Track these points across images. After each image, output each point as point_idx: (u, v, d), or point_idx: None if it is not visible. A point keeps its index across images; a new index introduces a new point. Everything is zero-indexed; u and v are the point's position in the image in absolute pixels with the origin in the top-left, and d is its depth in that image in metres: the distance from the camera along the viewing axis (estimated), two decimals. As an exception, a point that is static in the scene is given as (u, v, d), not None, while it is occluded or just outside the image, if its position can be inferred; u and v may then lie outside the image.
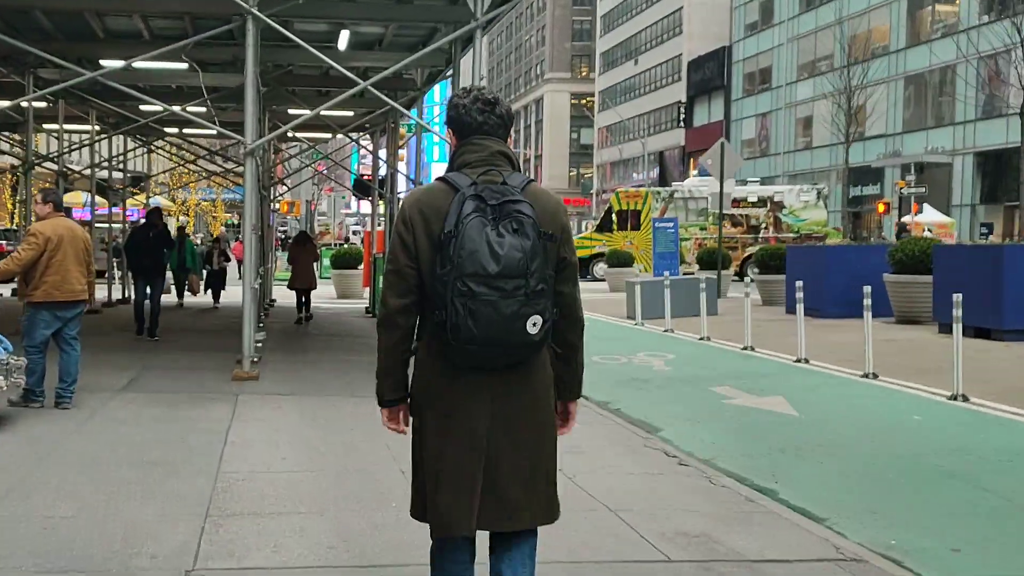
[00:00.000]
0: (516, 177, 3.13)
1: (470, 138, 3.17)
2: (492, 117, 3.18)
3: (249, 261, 10.67)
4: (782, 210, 34.60)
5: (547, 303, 3.04)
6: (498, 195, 3.01)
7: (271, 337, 14.91)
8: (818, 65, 55.35)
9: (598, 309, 21.98)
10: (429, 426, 3.21)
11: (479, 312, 2.92)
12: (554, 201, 3.22)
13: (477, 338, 2.95)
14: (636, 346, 14.96)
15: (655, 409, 9.80)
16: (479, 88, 3.28)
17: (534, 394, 3.21)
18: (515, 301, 2.94)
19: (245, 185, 10.61)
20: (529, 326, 2.98)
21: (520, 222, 2.97)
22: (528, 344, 3.03)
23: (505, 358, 3.06)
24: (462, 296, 2.93)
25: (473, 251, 2.93)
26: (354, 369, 11.52)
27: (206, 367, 11.33)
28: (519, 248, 2.95)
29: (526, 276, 2.95)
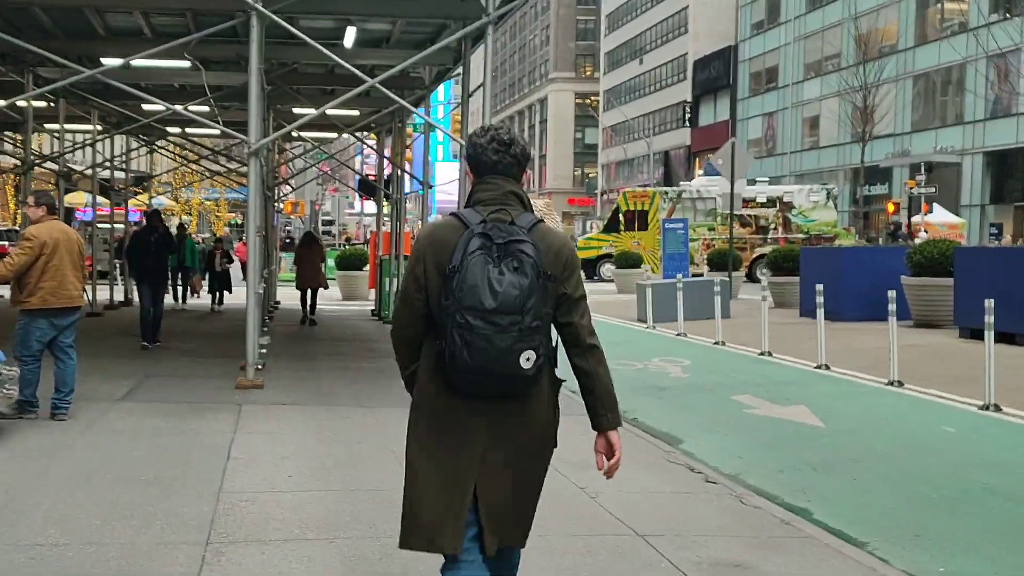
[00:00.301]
0: (525, 218, 3.24)
1: (485, 177, 3.32)
2: (507, 157, 3.30)
3: (253, 264, 10.32)
4: (791, 210, 34.21)
5: (542, 339, 3.15)
6: (504, 234, 3.14)
7: (276, 341, 14.57)
8: (825, 64, 54.96)
9: (607, 311, 21.62)
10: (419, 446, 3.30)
11: (474, 344, 3.05)
12: (559, 241, 3.29)
13: (471, 367, 3.08)
14: (650, 351, 14.59)
15: (675, 419, 9.44)
16: (496, 128, 3.37)
17: (528, 428, 3.30)
18: (509, 336, 3.05)
19: (249, 186, 10.26)
20: (523, 360, 3.09)
21: (521, 261, 3.09)
22: (521, 377, 3.13)
23: (499, 388, 3.17)
24: (459, 328, 3.06)
25: (473, 286, 3.05)
26: (361, 377, 11.16)
27: (209, 374, 10.98)
28: (516, 286, 3.06)
29: (522, 313, 3.06)
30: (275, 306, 22.03)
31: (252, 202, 10.17)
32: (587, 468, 6.39)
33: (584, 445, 7.30)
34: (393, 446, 7.09)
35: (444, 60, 14.75)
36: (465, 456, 3.24)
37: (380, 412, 8.83)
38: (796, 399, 10.28)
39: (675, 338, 16.37)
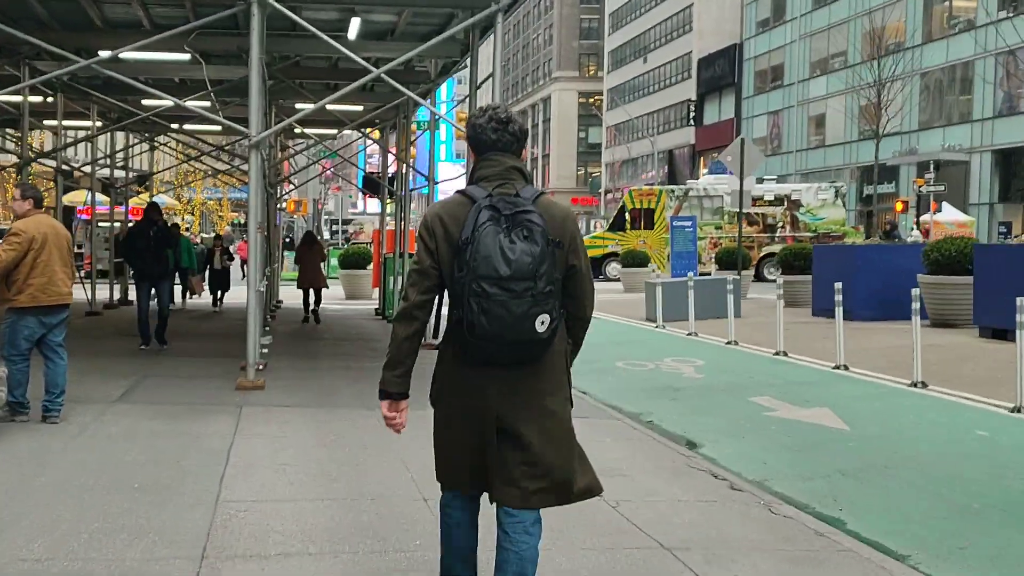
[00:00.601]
0: (528, 190, 3.38)
1: (487, 154, 3.44)
2: (506, 135, 3.44)
3: (254, 262, 9.96)
4: (799, 208, 33.82)
5: (555, 303, 3.27)
6: (511, 206, 3.27)
7: (278, 341, 14.21)
8: (832, 62, 54.57)
9: (615, 311, 21.26)
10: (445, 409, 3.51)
11: (491, 311, 3.17)
12: (563, 211, 3.44)
13: (490, 333, 3.19)
14: (661, 351, 14.22)
15: (692, 422, 9.06)
16: (494, 107, 3.51)
17: (546, 387, 3.42)
18: (524, 301, 3.17)
19: (250, 180, 9.90)
20: (538, 324, 3.21)
21: (530, 230, 3.22)
22: (537, 341, 3.26)
23: (516, 353, 3.29)
24: (476, 296, 3.17)
25: (487, 256, 3.17)
26: (365, 377, 10.79)
27: (209, 375, 10.62)
28: (529, 253, 3.19)
29: (535, 278, 3.19)
30: (277, 305, 21.69)
31: (253, 196, 9.80)
32: (610, 476, 6.06)
33: (603, 452, 6.94)
34: (400, 451, 6.74)
35: (451, 52, 14.38)
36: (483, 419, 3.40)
37: (386, 415, 8.47)
38: (817, 401, 9.90)
39: (686, 338, 15.99)
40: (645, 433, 8.39)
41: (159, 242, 12.81)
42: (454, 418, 3.49)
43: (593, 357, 13.97)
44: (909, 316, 11.07)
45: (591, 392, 10.65)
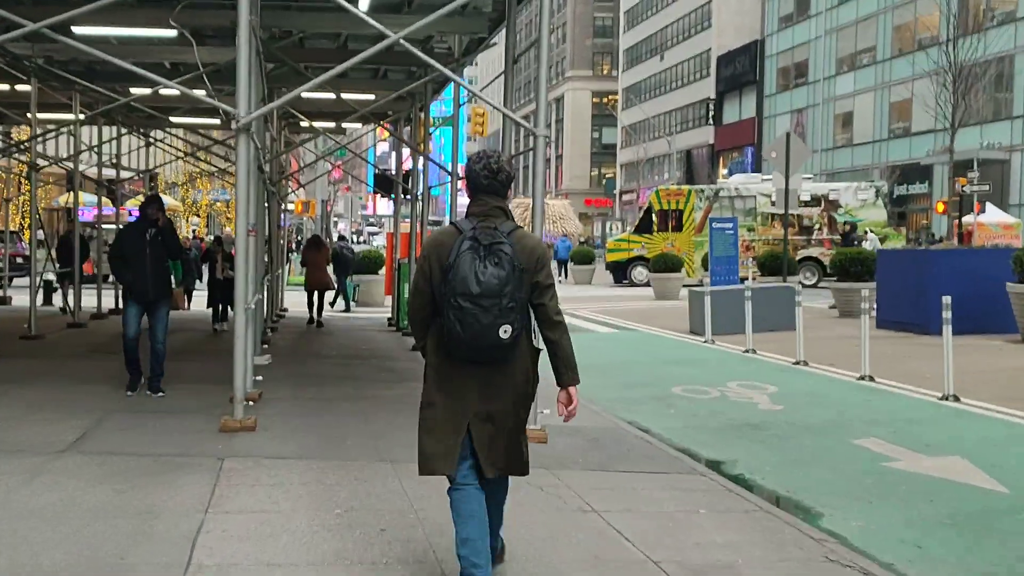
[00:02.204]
0: (507, 225, 4.19)
1: (477, 195, 4.27)
2: (495, 182, 4.25)
3: (244, 273, 8.05)
4: (837, 209, 31.78)
5: (516, 316, 4.06)
6: (489, 237, 4.08)
7: (278, 359, 12.32)
8: (860, 57, 52.54)
9: (652, 321, 19.32)
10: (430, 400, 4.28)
11: (465, 321, 4.01)
12: (533, 243, 4.27)
13: (464, 339, 4.05)
14: (721, 373, 12.28)
15: (794, 476, 7.14)
16: (488, 156, 4.30)
17: (513, 381, 4.23)
18: (490, 314, 4.00)
19: (238, 169, 8.00)
20: (501, 332, 4.02)
21: (500, 258, 4.04)
22: (500, 345, 4.06)
23: (486, 355, 4.12)
24: (454, 309, 4.03)
25: (463, 277, 4.02)
26: (380, 410, 8.88)
27: (189, 409, 8.71)
28: (497, 277, 4.02)
29: (500, 296, 4.01)
30: (282, 314, 19.82)
31: (242, 191, 7.91)
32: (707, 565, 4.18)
33: (703, 535, 5.05)
34: (429, 534, 4.87)
35: (477, 27, 12.47)
36: (460, 407, 4.21)
37: (409, 472, 6.55)
38: (942, 446, 7.96)
39: (744, 356, 14.03)
40: (740, 495, 6.47)
41: (160, 250, 9.28)
42: (436, 405, 4.24)
43: (644, 379, 12.09)
44: (993, 330, 9.25)
45: (654, 430, 8.75)
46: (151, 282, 9.18)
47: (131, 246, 9.25)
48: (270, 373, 11.05)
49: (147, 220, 9.33)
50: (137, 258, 9.17)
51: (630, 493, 6.36)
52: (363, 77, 17.02)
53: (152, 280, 9.19)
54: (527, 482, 6.45)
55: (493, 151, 4.40)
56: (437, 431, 4.22)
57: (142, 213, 9.48)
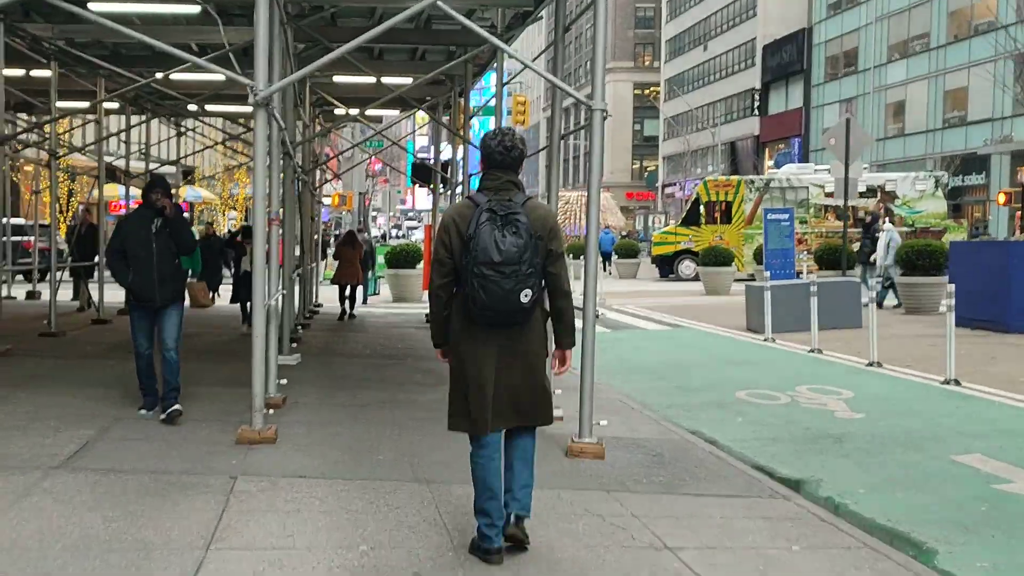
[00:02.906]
0: (520, 196, 4.51)
1: (491, 170, 4.57)
2: (508, 158, 4.55)
3: (262, 264, 7.19)
4: (895, 200, 30.44)
5: (535, 281, 4.40)
6: (505, 208, 4.40)
7: (308, 357, 11.51)
8: (913, 44, 50.86)
9: (705, 318, 18.28)
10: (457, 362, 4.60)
11: (488, 288, 4.31)
12: (544, 211, 4.59)
13: (487, 304, 4.34)
14: (787, 376, 11.26)
15: (891, 501, 6.15)
16: (503, 134, 4.59)
17: (529, 343, 4.57)
18: (511, 280, 4.31)
19: (256, 149, 7.13)
20: (522, 296, 4.35)
21: (518, 227, 4.35)
22: (522, 309, 4.40)
23: (507, 318, 4.42)
24: (477, 277, 4.32)
25: (484, 247, 4.31)
26: (415, 418, 8.00)
27: (205, 417, 7.89)
28: (516, 245, 4.32)
29: (519, 263, 4.32)
30: (316, 309, 19.05)
31: (259, 171, 7.06)
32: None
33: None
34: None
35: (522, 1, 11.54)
36: (486, 369, 4.50)
37: (447, 497, 5.66)
38: (1060, 464, 6.92)
39: (810, 356, 12.96)
40: (836, 527, 5.51)
41: (167, 245, 7.68)
42: (464, 367, 4.57)
43: (704, 383, 11.11)
44: None
45: (722, 441, 7.78)
46: (158, 285, 7.58)
47: (133, 240, 7.61)
48: (298, 374, 10.23)
49: (151, 208, 7.67)
50: (141, 255, 7.57)
51: (707, 523, 5.42)
52: (400, 59, 16.15)
53: (160, 282, 7.59)
54: (586, 510, 5.54)
55: (508, 128, 4.68)
56: (468, 394, 4.55)
57: (145, 199, 7.80)
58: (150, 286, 7.58)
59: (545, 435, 7.53)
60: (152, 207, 7.68)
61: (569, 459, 6.80)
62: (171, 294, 7.74)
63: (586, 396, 6.97)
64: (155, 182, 7.88)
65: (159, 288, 7.60)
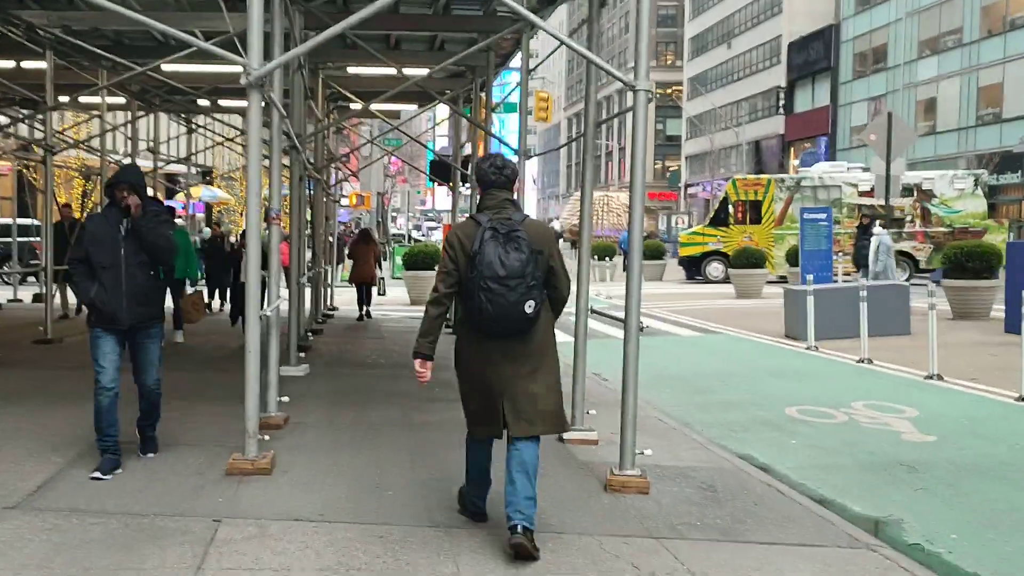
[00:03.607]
0: (518, 215, 4.80)
1: (488, 190, 4.86)
2: (501, 177, 4.86)
3: (255, 270, 6.28)
4: (932, 200, 29.31)
5: (538, 293, 4.65)
6: (506, 226, 4.66)
7: (316, 370, 10.64)
8: (944, 40, 49.58)
9: (739, 323, 17.30)
10: (465, 373, 4.85)
11: (495, 300, 4.55)
12: (543, 228, 4.92)
13: (494, 316, 4.57)
14: (838, 389, 10.30)
15: (995, 549, 5.20)
16: (494, 156, 4.94)
17: (535, 350, 4.76)
18: (516, 292, 4.56)
19: (248, 134, 6.24)
20: (527, 307, 4.59)
21: (519, 243, 4.61)
22: (526, 319, 4.63)
23: (513, 327, 4.64)
24: (484, 291, 4.56)
25: (490, 262, 4.57)
26: (434, 443, 7.10)
27: (196, 440, 7.02)
28: (519, 260, 4.58)
29: (523, 276, 4.58)
30: (330, 313, 18.21)
31: (252, 163, 6.18)
32: None
33: None
34: None
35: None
36: (492, 376, 4.73)
37: (468, 546, 4.76)
38: None
39: (859, 367, 11.98)
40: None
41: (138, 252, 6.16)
42: (472, 378, 4.81)
43: (746, 396, 10.16)
44: None
45: (778, 469, 6.85)
46: (127, 302, 6.10)
47: (98, 246, 6.14)
48: (304, 388, 9.37)
49: (117, 206, 6.19)
50: (106, 264, 6.09)
51: (781, 585, 4.49)
52: (417, 49, 15.26)
53: (130, 297, 6.11)
54: (633, 565, 4.62)
55: (496, 153, 5.15)
56: (479, 403, 4.81)
57: (109, 196, 6.29)
58: (117, 303, 6.07)
59: (579, 463, 6.63)
60: (117, 205, 6.20)
61: (609, 495, 5.88)
62: (145, 314, 6.23)
63: (628, 422, 6.03)
64: (121, 174, 6.34)
65: (128, 306, 6.10)
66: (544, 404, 4.75)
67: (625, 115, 6.53)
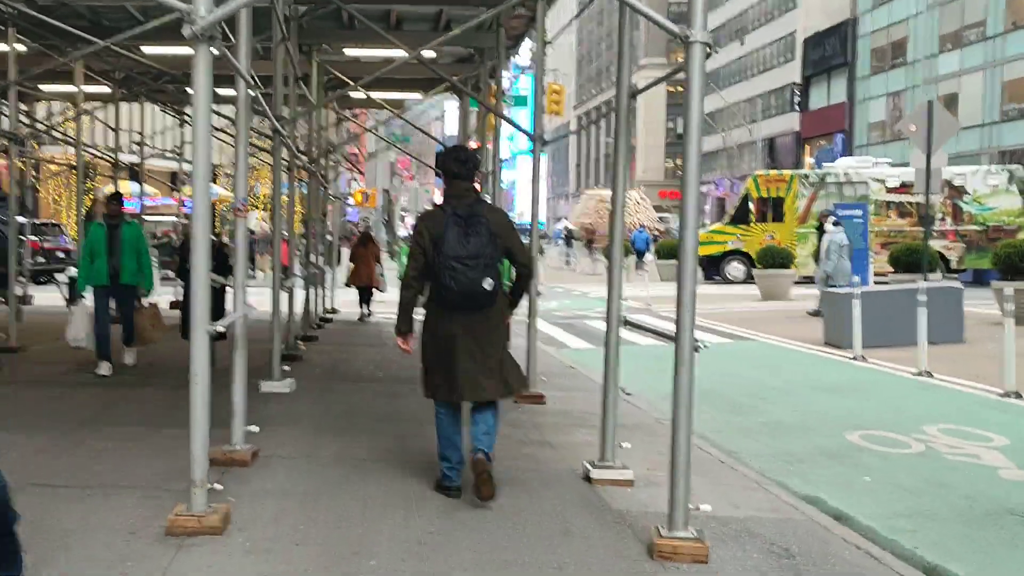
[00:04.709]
0: (479, 202, 5.40)
1: (452, 181, 5.40)
2: (464, 169, 5.40)
3: (206, 276, 4.96)
4: (963, 196, 27.89)
5: (495, 272, 5.27)
6: (468, 212, 5.27)
7: (304, 384, 9.33)
8: (967, 34, 48.09)
9: (768, 328, 15.95)
10: (429, 340, 5.46)
11: (457, 278, 5.18)
12: (500, 214, 5.56)
13: (457, 292, 5.20)
14: (904, 409, 8.96)
15: None
16: (458, 149, 5.62)
17: (491, 322, 5.40)
18: (476, 271, 5.18)
19: (195, 100, 4.91)
20: (484, 284, 5.21)
21: (479, 228, 5.23)
22: (485, 294, 5.24)
23: (474, 303, 5.27)
24: (448, 270, 5.18)
25: (453, 244, 5.17)
26: (434, 487, 5.79)
27: (136, 481, 5.71)
28: (478, 243, 5.21)
29: (481, 257, 5.20)
30: (329, 317, 16.92)
31: (200, 131, 4.86)
32: None
33: None
34: None
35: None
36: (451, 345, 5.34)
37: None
38: None
39: (919, 381, 10.62)
40: None
41: None
42: (437, 345, 5.40)
43: (797, 418, 8.79)
44: None
45: (854, 517, 5.57)
46: None
47: None
48: (286, 409, 8.07)
49: None
50: None
51: None
52: (421, 29, 13.96)
53: None
54: None
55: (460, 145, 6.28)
56: (440, 368, 5.42)
57: None
58: None
59: (613, 515, 5.30)
60: None
61: (655, 563, 4.55)
62: None
63: (681, 468, 4.68)
64: None
65: None
66: (496, 374, 5.42)
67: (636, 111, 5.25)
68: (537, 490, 5.75)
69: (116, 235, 9.67)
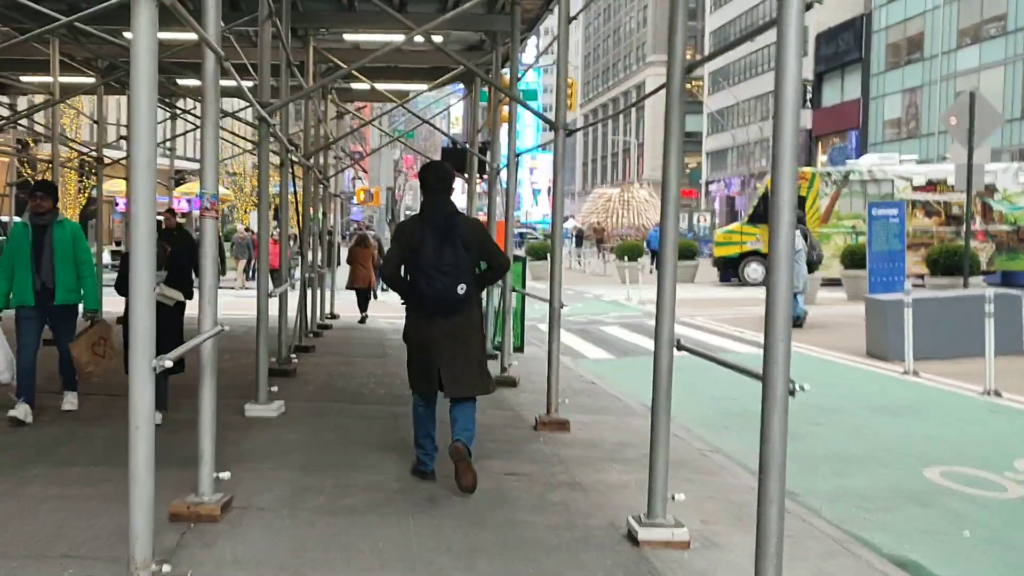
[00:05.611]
0: (453, 214, 5.77)
1: (429, 195, 5.81)
2: (443, 185, 5.84)
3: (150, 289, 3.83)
4: (993, 195, 26.70)
5: (469, 278, 5.64)
6: (442, 222, 5.65)
7: (294, 406, 8.19)
8: (987, 28, 46.88)
9: (804, 337, 14.74)
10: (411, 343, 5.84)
11: (432, 284, 5.55)
12: (473, 223, 6.04)
13: (433, 296, 5.58)
14: (986, 438, 7.81)
15: None
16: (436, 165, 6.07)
17: (469, 323, 5.77)
18: (449, 277, 5.54)
19: (133, 70, 3.80)
20: (458, 289, 5.57)
21: (453, 238, 5.60)
22: (459, 299, 5.60)
23: (449, 306, 5.62)
24: (424, 276, 5.57)
25: (428, 253, 5.56)
26: (442, 551, 4.65)
27: (72, 549, 4.59)
28: (452, 252, 5.57)
29: (456, 264, 5.57)
30: (328, 323, 15.80)
31: (140, 118, 3.77)
32: None
33: None
34: None
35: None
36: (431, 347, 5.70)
37: None
38: None
39: (989, 402, 9.44)
40: None
41: None
42: (416, 347, 5.80)
43: (863, 448, 7.46)
44: None
45: None
46: None
47: None
48: (272, 438, 6.95)
49: None
50: None
51: None
52: (427, 12, 12.80)
53: None
54: None
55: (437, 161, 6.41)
56: (421, 365, 5.79)
57: None
58: None
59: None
60: None
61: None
62: None
63: (771, 559, 3.54)
64: None
65: None
66: (473, 372, 5.75)
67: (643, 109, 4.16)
68: (574, 553, 4.63)
69: (45, 238, 7.35)
